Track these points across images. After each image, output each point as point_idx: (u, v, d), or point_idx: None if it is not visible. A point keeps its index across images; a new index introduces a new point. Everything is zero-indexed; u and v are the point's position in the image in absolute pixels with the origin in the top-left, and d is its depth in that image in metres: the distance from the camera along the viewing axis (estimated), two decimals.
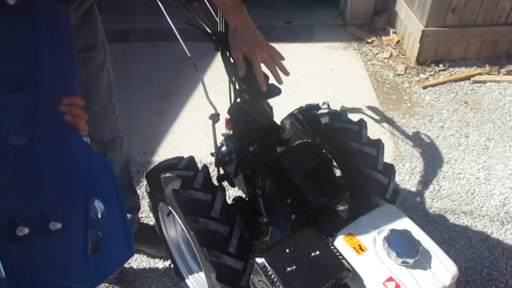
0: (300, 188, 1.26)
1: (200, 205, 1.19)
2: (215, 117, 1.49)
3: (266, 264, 0.99)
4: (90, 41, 1.27)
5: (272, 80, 1.28)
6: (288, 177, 1.28)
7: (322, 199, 1.23)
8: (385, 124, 2.48)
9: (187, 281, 1.55)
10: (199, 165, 1.33)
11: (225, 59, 1.28)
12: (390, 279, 0.99)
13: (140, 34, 3.49)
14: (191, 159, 1.34)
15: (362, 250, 1.04)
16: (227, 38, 1.19)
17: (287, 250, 1.03)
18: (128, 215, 1.67)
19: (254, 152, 1.39)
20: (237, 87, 1.31)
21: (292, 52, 3.29)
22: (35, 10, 0.84)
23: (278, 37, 3.49)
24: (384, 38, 3.36)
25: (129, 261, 1.77)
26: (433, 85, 2.83)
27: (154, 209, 1.50)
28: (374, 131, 2.43)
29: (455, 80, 2.87)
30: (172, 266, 1.65)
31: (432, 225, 1.86)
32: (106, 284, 1.65)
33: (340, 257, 1.02)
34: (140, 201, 2.00)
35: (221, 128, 1.63)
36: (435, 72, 2.95)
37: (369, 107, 2.62)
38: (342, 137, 1.44)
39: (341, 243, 1.06)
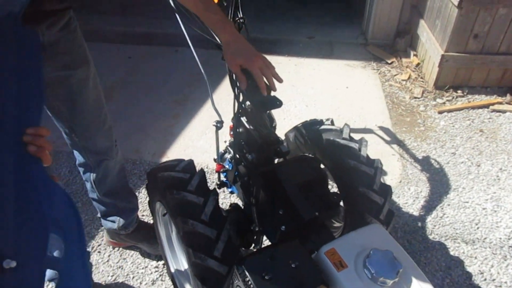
0: (292, 200, 1.27)
1: (192, 207, 1.21)
2: (218, 124, 1.54)
3: (245, 270, 1.01)
4: (68, 58, 1.27)
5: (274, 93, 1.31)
6: (281, 188, 1.30)
7: (313, 213, 1.24)
8: (395, 146, 2.47)
9: (176, 280, 1.57)
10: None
11: (229, 69, 1.32)
12: None
13: (163, 38, 3.59)
14: (190, 162, 1.38)
15: (342, 266, 1.05)
16: None
17: (268, 259, 1.04)
18: (125, 217, 1.71)
19: (252, 161, 1.42)
20: (239, 97, 1.35)
21: (310, 68, 3.32)
22: (2, 34, 0.80)
23: (298, 52, 3.53)
24: (404, 60, 3.35)
25: (125, 258, 1.82)
26: (450, 111, 2.80)
27: (152, 208, 1.54)
28: (383, 152, 2.42)
29: (473, 107, 2.83)
30: (164, 264, 1.68)
31: (430, 251, 1.83)
32: None
33: (319, 271, 1.03)
34: (142, 200, 2.06)
35: (227, 135, 1.68)
36: (453, 97, 2.92)
37: (381, 128, 2.62)
38: (341, 154, 1.46)
39: (322, 257, 1.07)
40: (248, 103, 1.39)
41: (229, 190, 1.71)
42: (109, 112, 2.19)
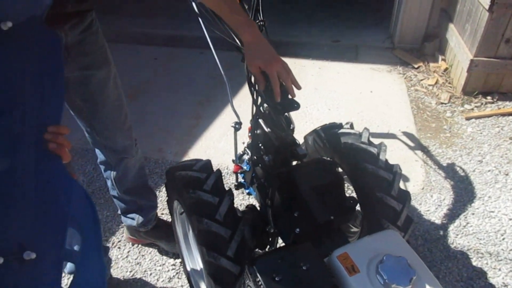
0: (308, 203, 1.27)
1: (207, 206, 1.23)
2: (237, 125, 1.55)
3: (256, 270, 1.02)
4: (89, 59, 1.30)
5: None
6: (297, 191, 1.30)
7: (328, 217, 1.24)
8: (418, 152, 2.42)
9: (192, 278, 1.59)
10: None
11: (248, 71, 1.33)
12: None
13: (189, 40, 3.64)
14: (207, 163, 1.39)
15: (355, 271, 1.03)
16: None
17: (279, 260, 1.05)
18: (144, 215, 1.75)
19: (269, 163, 1.42)
20: (256, 99, 1.35)
21: (334, 71, 3.30)
22: (26, 37, 0.83)
23: (322, 55, 3.51)
24: (431, 64, 3.28)
25: (143, 254, 1.85)
26: (478, 117, 2.72)
27: (170, 207, 1.57)
28: (406, 158, 2.37)
29: (503, 114, 2.73)
30: (181, 263, 1.70)
31: (451, 261, 1.78)
32: None
33: (330, 275, 1.02)
34: (162, 198, 2.09)
35: (245, 136, 1.69)
36: (482, 104, 2.83)
37: (405, 133, 2.57)
38: (359, 158, 1.44)
39: (334, 261, 1.06)
40: (266, 105, 1.40)
41: (247, 191, 1.72)
42: (133, 111, 2.23)
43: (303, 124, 2.62)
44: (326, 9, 4.45)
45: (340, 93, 3.00)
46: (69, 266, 1.58)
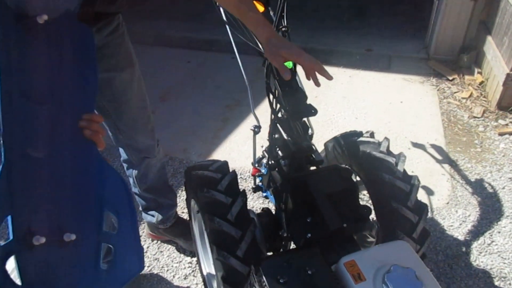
0: (320, 209, 1.27)
1: (220, 206, 1.25)
2: (256, 129, 1.58)
3: (262, 271, 1.03)
4: (114, 61, 1.34)
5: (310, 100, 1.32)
6: (311, 196, 1.30)
7: (340, 224, 1.23)
8: (446, 166, 2.35)
9: (206, 276, 1.62)
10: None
11: (267, 76, 1.35)
12: None
13: (221, 45, 3.71)
14: (224, 164, 1.42)
15: (361, 279, 1.03)
16: None
17: (285, 263, 1.05)
18: (164, 213, 1.80)
19: (285, 167, 1.43)
20: (275, 104, 1.38)
21: (364, 80, 3.26)
22: (61, 29, 0.87)
23: (354, 64, 3.48)
24: (467, 77, 3.18)
25: (161, 251, 1.91)
26: None
27: (188, 205, 1.61)
28: (433, 171, 2.32)
29: None
30: (197, 261, 1.74)
31: (472, 279, 1.72)
32: None
33: (335, 281, 1.02)
34: (184, 198, 2.14)
35: (265, 140, 1.71)
36: None
37: (433, 145, 2.51)
38: (377, 167, 1.42)
39: (341, 268, 1.06)
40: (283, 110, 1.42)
41: (264, 194, 1.74)
42: (163, 112, 2.28)
43: (329, 131, 2.61)
44: (362, 17, 4.41)
45: (369, 103, 2.97)
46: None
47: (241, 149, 2.52)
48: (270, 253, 1.50)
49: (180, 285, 1.75)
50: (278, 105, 1.41)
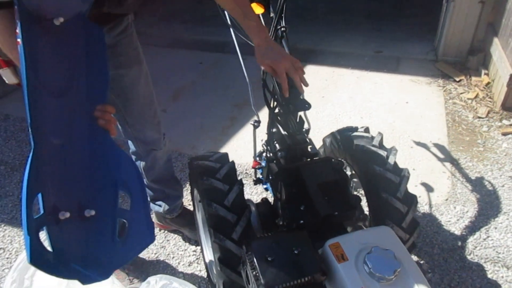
0: (312, 197, 1.35)
1: (217, 193, 1.35)
2: (256, 123, 1.67)
3: (251, 250, 1.12)
4: (123, 59, 1.44)
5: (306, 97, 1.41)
6: (304, 186, 1.38)
7: (329, 210, 1.31)
8: (447, 164, 2.40)
9: (207, 262, 1.72)
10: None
11: (263, 73, 1.45)
12: None
13: (233, 47, 3.81)
14: (224, 155, 1.52)
15: (344, 259, 1.10)
16: None
17: (274, 243, 1.14)
18: (170, 203, 1.90)
19: (281, 159, 1.52)
20: (271, 99, 1.47)
21: (372, 81, 3.32)
22: (75, 30, 0.97)
23: (362, 65, 3.55)
24: (473, 78, 3.21)
25: (168, 239, 2.01)
26: None
27: (192, 194, 1.71)
28: (434, 168, 2.37)
29: None
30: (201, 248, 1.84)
31: (466, 271, 1.77)
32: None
33: (319, 260, 1.10)
34: (189, 190, 2.24)
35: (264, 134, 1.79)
36: None
37: (435, 144, 2.55)
38: (369, 160, 1.50)
39: (326, 249, 1.14)
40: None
41: (264, 186, 1.83)
42: (174, 110, 2.35)
43: (334, 130, 2.67)
44: (373, 20, 4.47)
45: (375, 103, 3.03)
46: None
47: (248, 146, 2.62)
48: None
49: (185, 271, 1.85)
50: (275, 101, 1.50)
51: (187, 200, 2.18)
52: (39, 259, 0.79)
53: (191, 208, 2.13)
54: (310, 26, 4.39)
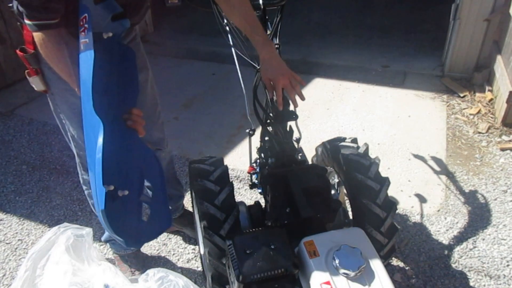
0: (295, 200, 1.47)
1: (209, 193, 1.49)
2: (251, 132, 1.81)
3: (232, 244, 1.25)
4: None
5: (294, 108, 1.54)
6: (289, 189, 1.51)
7: (311, 213, 1.43)
8: (443, 177, 2.48)
9: (202, 257, 1.85)
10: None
11: (255, 86, 1.59)
12: (328, 283, 1.15)
13: (245, 59, 3.98)
14: (219, 159, 1.66)
15: (315, 255, 1.22)
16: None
17: (253, 239, 1.27)
18: (173, 203, 2.04)
19: (271, 165, 1.65)
20: (265, 109, 1.61)
21: (377, 95, 3.42)
22: (111, 49, 1.19)
23: (369, 79, 3.65)
24: (477, 94, 3.28)
25: (170, 237, 2.16)
26: None
27: (191, 195, 1.85)
28: (429, 180, 2.45)
29: None
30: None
31: (449, 278, 1.85)
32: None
33: (293, 255, 1.22)
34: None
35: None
36: None
37: (433, 157, 2.63)
38: (352, 168, 1.61)
39: (301, 246, 1.26)
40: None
41: (259, 191, 1.95)
42: (184, 118, 2.47)
43: None
44: (384, 35, 4.57)
45: (377, 116, 3.13)
46: (105, 235, 1.93)
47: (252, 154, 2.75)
48: None
49: (183, 267, 1.99)
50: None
51: (187, 202, 2.32)
52: (110, 209, 1.02)
53: (191, 209, 2.27)
54: (321, 41, 4.52)
